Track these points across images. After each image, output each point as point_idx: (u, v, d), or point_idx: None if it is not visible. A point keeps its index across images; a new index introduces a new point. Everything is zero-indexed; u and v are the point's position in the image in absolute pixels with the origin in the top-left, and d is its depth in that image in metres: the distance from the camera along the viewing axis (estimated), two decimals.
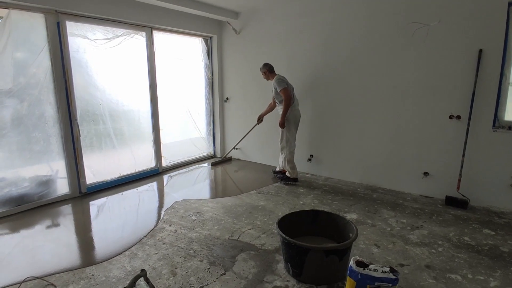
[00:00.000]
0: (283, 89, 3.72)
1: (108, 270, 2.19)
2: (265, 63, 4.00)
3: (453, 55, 3.21)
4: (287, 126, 3.86)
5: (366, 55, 3.74)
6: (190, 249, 2.45)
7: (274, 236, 2.66)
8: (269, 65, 3.98)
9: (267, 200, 3.50)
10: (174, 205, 3.36)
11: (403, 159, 3.67)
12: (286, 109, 3.77)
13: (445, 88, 3.30)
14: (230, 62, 5.13)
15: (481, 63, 3.07)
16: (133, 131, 4.19)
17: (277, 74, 3.92)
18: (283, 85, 3.74)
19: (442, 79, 3.30)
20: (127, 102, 4.06)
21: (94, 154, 3.78)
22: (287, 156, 3.95)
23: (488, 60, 3.04)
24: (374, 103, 3.78)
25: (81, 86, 3.54)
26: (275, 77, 3.86)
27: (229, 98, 5.29)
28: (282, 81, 3.78)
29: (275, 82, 3.82)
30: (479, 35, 3.06)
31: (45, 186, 3.39)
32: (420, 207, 3.26)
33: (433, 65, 3.33)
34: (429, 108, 3.42)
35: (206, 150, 5.47)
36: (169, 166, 4.74)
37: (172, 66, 4.64)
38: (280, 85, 3.74)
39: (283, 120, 3.81)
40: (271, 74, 3.98)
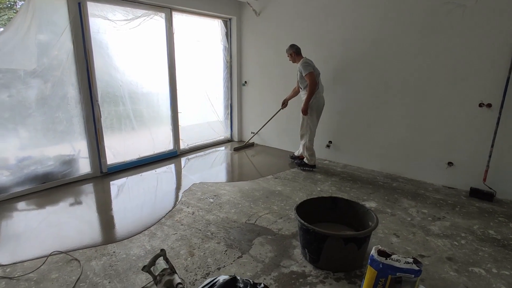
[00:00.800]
0: (309, 73, 3.54)
1: (129, 248, 2.25)
2: (292, 44, 3.80)
3: (487, 39, 3.01)
4: (309, 113, 3.73)
5: (393, 38, 3.57)
6: (207, 231, 2.48)
7: (291, 221, 2.66)
8: (296, 47, 3.77)
9: (284, 185, 3.48)
10: (192, 187, 3.40)
11: (426, 148, 3.54)
12: (311, 95, 3.60)
13: (476, 74, 3.11)
14: (249, 45, 5.04)
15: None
16: (152, 113, 4.23)
17: (304, 57, 3.72)
18: (309, 69, 3.55)
19: (474, 64, 3.11)
20: (146, 84, 4.08)
21: (114, 135, 3.84)
22: (306, 143, 3.86)
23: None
24: (398, 88, 3.63)
25: (102, 68, 3.57)
26: (301, 60, 3.67)
27: (247, 81, 5.22)
28: (308, 65, 3.58)
29: (300, 65, 3.63)
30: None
31: (68, 165, 3.49)
32: (443, 198, 3.16)
33: (465, 49, 3.14)
34: (457, 95, 3.25)
35: (224, 134, 5.47)
36: (187, 149, 4.78)
37: (191, 49, 4.60)
38: (306, 69, 3.55)
39: (306, 107, 3.67)
40: (298, 57, 3.77)
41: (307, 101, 3.64)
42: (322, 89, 3.78)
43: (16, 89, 2.98)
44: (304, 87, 3.71)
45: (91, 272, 1.98)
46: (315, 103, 3.70)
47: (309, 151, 3.88)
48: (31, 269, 2.01)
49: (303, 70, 3.57)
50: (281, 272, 1.99)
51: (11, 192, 3.09)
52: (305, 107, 3.68)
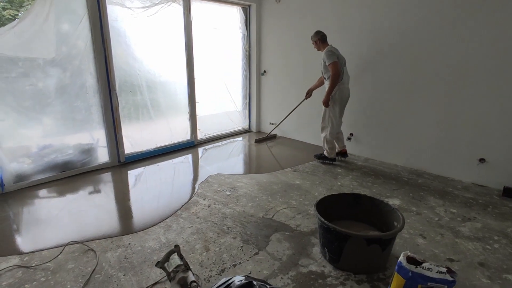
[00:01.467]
0: (333, 63, 3.31)
1: (144, 240, 2.23)
2: (318, 31, 3.56)
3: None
4: (331, 105, 3.53)
5: (426, 26, 3.31)
6: (223, 225, 2.42)
7: (310, 217, 2.56)
8: (322, 34, 3.53)
9: (303, 179, 3.37)
10: (209, 179, 3.35)
11: (456, 142, 3.32)
12: (333, 86, 3.40)
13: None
14: (269, 33, 4.87)
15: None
16: (169, 103, 4.19)
17: (329, 45, 3.49)
18: (333, 59, 3.32)
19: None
20: (164, 73, 4.03)
21: (132, 125, 3.83)
22: (327, 136, 3.68)
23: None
24: (428, 79, 3.39)
25: (120, 56, 3.54)
26: (326, 48, 3.43)
27: (266, 71, 5.08)
28: (332, 54, 3.35)
29: (324, 54, 3.41)
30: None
31: (87, 154, 3.52)
32: (473, 197, 2.95)
33: (503, 38, 2.87)
34: (493, 87, 3.00)
35: (241, 124, 5.39)
36: (204, 139, 4.74)
37: (209, 37, 4.50)
38: (330, 58, 3.33)
39: (328, 98, 3.47)
40: (323, 44, 3.53)
41: (329, 92, 3.45)
42: (347, 80, 3.55)
43: (35, 77, 2.99)
44: (328, 77, 3.50)
45: (107, 264, 1.97)
46: (339, 95, 3.50)
47: (330, 144, 3.72)
48: (49, 259, 2.02)
49: (327, 59, 3.37)
50: (299, 272, 1.91)
51: (32, 180, 3.15)
52: (327, 99, 3.49)
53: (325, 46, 3.51)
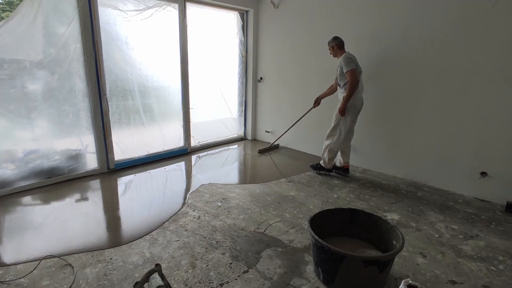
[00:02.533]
0: (351, 70, 3.15)
1: (127, 254, 2.09)
2: (335, 37, 3.38)
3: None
4: (347, 113, 3.34)
5: (426, 32, 3.23)
6: (212, 239, 2.29)
7: (304, 232, 2.42)
8: (340, 39, 3.36)
9: (298, 190, 3.24)
10: (200, 189, 3.22)
11: (457, 155, 3.21)
12: (350, 95, 3.22)
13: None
14: (266, 39, 4.79)
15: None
16: (162, 108, 4.07)
17: (347, 52, 3.32)
18: (352, 66, 3.16)
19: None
20: (157, 78, 3.92)
21: (123, 131, 3.71)
22: (331, 145, 3.49)
23: None
24: (429, 89, 3.30)
25: (111, 60, 3.43)
26: (344, 55, 3.27)
27: (263, 78, 4.99)
28: (351, 61, 3.19)
29: (342, 60, 3.23)
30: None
31: (75, 160, 3.39)
32: (475, 213, 2.84)
33: (507, 45, 2.79)
34: (498, 97, 2.90)
35: (237, 132, 5.27)
36: (198, 146, 4.61)
37: (205, 42, 4.41)
38: (348, 66, 3.17)
39: (344, 107, 3.28)
40: (340, 51, 3.35)
41: (346, 101, 3.25)
42: (361, 89, 3.37)
43: (21, 80, 2.88)
44: (343, 84, 3.32)
45: (84, 281, 1.83)
46: (352, 104, 3.32)
47: (331, 154, 3.53)
48: (23, 273, 1.88)
49: (345, 66, 3.19)
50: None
51: (16, 186, 3.01)
52: (343, 107, 3.28)
53: (342, 52, 3.34)
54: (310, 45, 4.23)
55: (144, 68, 3.75)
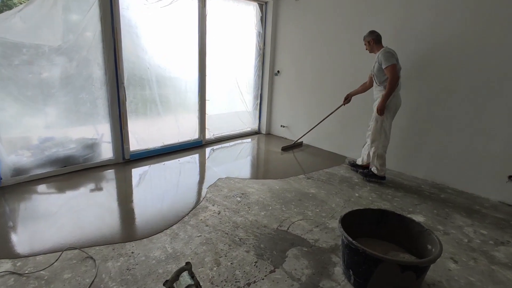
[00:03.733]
0: (391, 66, 2.92)
1: (149, 249, 2.03)
2: (372, 31, 3.17)
3: None
4: (385, 114, 3.11)
5: (454, 30, 3.10)
6: (235, 236, 2.22)
7: (329, 231, 2.35)
8: (377, 33, 3.14)
9: (318, 187, 3.16)
10: (218, 183, 3.15)
11: (484, 157, 3.10)
12: (390, 92, 2.98)
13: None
14: (285, 32, 4.67)
15: None
16: (179, 100, 3.99)
17: (385, 46, 3.10)
18: (392, 61, 2.93)
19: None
20: (175, 68, 3.83)
21: (139, 121, 3.64)
22: (378, 150, 3.22)
23: None
24: (454, 87, 3.18)
25: (129, 48, 3.35)
26: (382, 50, 3.05)
27: (280, 71, 4.88)
28: (391, 56, 2.96)
29: (381, 55, 3.00)
30: None
31: (90, 149, 3.33)
32: (504, 218, 2.74)
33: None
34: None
35: (251, 126, 5.19)
36: (212, 139, 4.54)
37: (223, 33, 4.30)
38: (388, 61, 2.94)
39: (383, 106, 3.05)
40: (377, 46, 3.14)
41: (385, 99, 3.02)
42: (400, 87, 3.14)
43: (39, 66, 2.80)
44: (382, 81, 3.10)
45: (107, 275, 1.77)
46: (393, 102, 3.10)
47: (381, 159, 3.24)
48: (44, 265, 1.83)
49: (384, 61, 2.96)
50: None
51: (31, 174, 2.96)
52: (382, 106, 3.05)
53: (379, 47, 3.14)
54: (330, 40, 4.10)
55: (162, 58, 3.66)
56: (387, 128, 3.16)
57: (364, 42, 3.26)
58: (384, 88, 3.07)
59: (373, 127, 3.24)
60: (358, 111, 3.92)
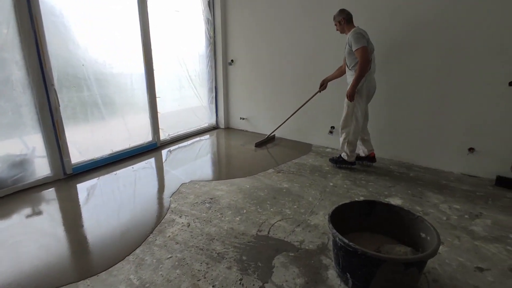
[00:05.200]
0: (361, 48, 2.74)
1: (109, 285, 1.66)
2: (342, 9, 2.97)
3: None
4: (357, 99, 2.96)
5: (415, 10, 3.08)
6: (212, 251, 1.94)
7: (312, 229, 2.17)
8: (347, 12, 2.95)
9: (290, 181, 2.98)
10: (181, 189, 2.81)
11: (445, 132, 3.17)
12: (360, 77, 2.83)
13: (510, 49, 2.72)
14: (237, 17, 4.36)
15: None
16: (125, 99, 3.51)
17: (356, 27, 2.91)
18: (362, 43, 2.75)
19: (508, 37, 2.71)
20: (117, 63, 3.34)
21: (79, 128, 3.12)
22: (349, 137, 3.10)
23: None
24: (415, 66, 3.19)
25: (56, 42, 2.79)
26: (353, 30, 2.86)
27: (234, 60, 4.58)
28: (361, 37, 2.77)
29: (351, 36, 2.83)
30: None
31: (19, 167, 2.75)
32: (470, 189, 2.82)
33: (498, 19, 2.73)
34: (485, 71, 2.87)
35: (208, 121, 4.84)
36: (168, 140, 4.13)
37: (168, 21, 3.86)
38: (358, 42, 2.75)
39: (353, 91, 2.90)
40: (348, 26, 2.94)
41: (355, 84, 2.86)
42: (374, 70, 2.99)
43: None
44: (353, 65, 2.95)
45: None
46: (365, 87, 2.94)
47: (352, 146, 3.14)
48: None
49: (354, 43, 2.78)
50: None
51: None
52: (352, 91, 2.90)
53: (350, 27, 2.94)
54: (288, 24, 3.91)
55: (100, 52, 3.15)
56: (358, 114, 3.01)
57: (334, 22, 3.06)
58: (355, 72, 2.91)
59: (344, 112, 3.11)
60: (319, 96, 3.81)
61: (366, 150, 3.28)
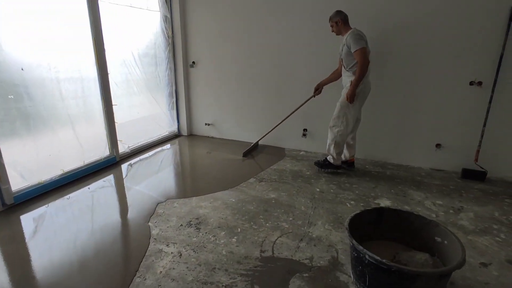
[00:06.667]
0: (361, 49, 2.69)
1: None
2: (339, 11, 2.88)
3: (480, 12, 2.83)
4: (354, 100, 2.89)
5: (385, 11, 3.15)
6: (217, 283, 1.68)
7: (317, 243, 2.05)
8: (344, 14, 2.87)
9: (276, 190, 2.83)
10: (159, 210, 2.46)
11: (414, 131, 3.33)
12: (361, 77, 2.77)
13: (470, 51, 2.94)
14: (197, 15, 4.05)
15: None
16: (76, 109, 2.98)
17: (354, 28, 2.84)
18: (362, 44, 2.70)
19: (467, 40, 2.92)
20: (64, 66, 2.81)
21: (21, 146, 2.54)
22: (337, 137, 3.02)
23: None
24: (381, 66, 3.28)
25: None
26: (351, 32, 2.79)
27: (196, 62, 4.25)
28: (360, 38, 2.72)
29: (350, 38, 2.75)
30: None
31: None
32: (443, 183, 2.98)
33: (456, 23, 2.92)
34: (448, 73, 3.06)
35: (169, 128, 4.44)
36: (128, 152, 3.66)
37: (122, 18, 3.41)
38: (357, 43, 2.69)
39: (354, 92, 2.82)
40: (345, 27, 2.87)
41: (355, 85, 2.79)
42: (369, 72, 2.92)
43: None
44: (350, 66, 2.87)
45: None
46: (362, 89, 2.87)
47: (338, 148, 3.06)
48: None
49: (353, 44, 2.72)
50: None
51: None
52: (352, 92, 2.81)
53: (347, 29, 2.86)
54: (254, 22, 3.74)
55: (43, 54, 2.61)
56: (350, 116, 2.96)
57: (331, 23, 2.95)
58: (353, 74, 2.86)
59: (335, 112, 3.03)
60: (288, 97, 3.72)
61: (348, 155, 3.25)
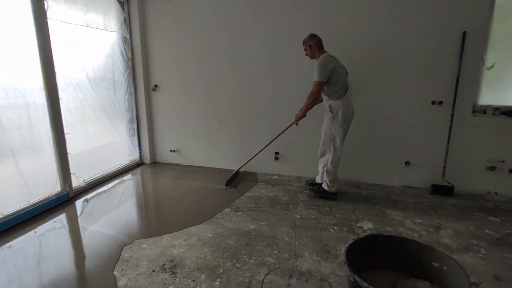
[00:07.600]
0: (317, 82, 2.70)
1: None
2: (313, 34, 2.82)
3: (436, 38, 3.02)
4: (334, 126, 2.83)
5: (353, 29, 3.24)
6: None
7: (308, 278, 1.88)
8: (318, 38, 2.81)
9: (255, 220, 2.64)
10: (125, 254, 2.13)
11: (383, 150, 3.40)
12: (307, 105, 2.82)
13: (429, 73, 3.11)
14: (158, 36, 3.87)
15: (465, 46, 2.96)
16: (20, 140, 2.56)
17: (326, 53, 2.79)
18: (321, 77, 2.68)
19: (426, 63, 3.09)
20: (4, 92, 2.42)
21: None
22: (328, 165, 2.93)
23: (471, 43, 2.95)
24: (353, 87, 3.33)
25: None
26: (321, 58, 2.75)
27: (158, 85, 4.01)
28: (324, 67, 2.67)
29: (316, 65, 2.73)
30: (463, 16, 2.92)
31: None
32: (417, 201, 3.02)
33: (416, 48, 3.09)
34: (411, 94, 3.20)
35: (130, 157, 4.06)
36: (84, 186, 3.23)
37: (76, 38, 3.10)
38: (317, 74, 2.69)
39: (301, 116, 2.91)
40: (319, 52, 2.82)
41: (304, 110, 2.86)
42: (350, 94, 2.86)
43: None
44: (326, 90, 2.83)
45: None
46: (342, 113, 2.78)
47: (331, 175, 2.95)
48: None
49: (315, 73, 2.71)
50: None
51: None
52: (300, 116, 2.91)
53: (321, 53, 2.81)
54: (219, 39, 3.64)
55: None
56: (336, 141, 2.87)
57: (304, 47, 2.90)
58: (329, 97, 2.84)
59: (322, 140, 3.00)
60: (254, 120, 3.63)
61: None
